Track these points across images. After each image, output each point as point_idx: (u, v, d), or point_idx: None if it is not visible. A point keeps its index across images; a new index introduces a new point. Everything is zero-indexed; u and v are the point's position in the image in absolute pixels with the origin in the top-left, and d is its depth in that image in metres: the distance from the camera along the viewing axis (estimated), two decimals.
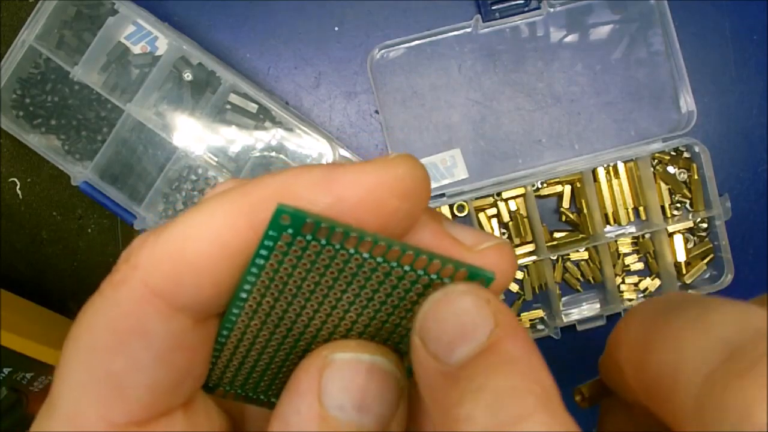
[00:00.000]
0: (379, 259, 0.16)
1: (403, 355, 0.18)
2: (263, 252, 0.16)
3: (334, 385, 0.17)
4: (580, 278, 0.57)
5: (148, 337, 0.17)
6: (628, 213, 0.56)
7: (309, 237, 0.16)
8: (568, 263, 0.56)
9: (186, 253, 0.16)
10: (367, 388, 0.17)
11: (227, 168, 0.52)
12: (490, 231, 0.56)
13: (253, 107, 0.52)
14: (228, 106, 0.52)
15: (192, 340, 0.17)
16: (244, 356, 0.18)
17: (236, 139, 0.52)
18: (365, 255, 0.16)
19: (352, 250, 0.16)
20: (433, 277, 0.16)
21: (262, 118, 0.52)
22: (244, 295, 0.17)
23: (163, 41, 0.52)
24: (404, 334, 0.18)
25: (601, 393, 0.24)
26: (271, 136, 0.52)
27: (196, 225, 0.16)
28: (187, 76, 0.51)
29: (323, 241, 0.16)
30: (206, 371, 0.19)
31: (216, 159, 0.52)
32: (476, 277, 0.17)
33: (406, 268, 0.16)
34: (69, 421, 0.17)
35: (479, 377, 0.15)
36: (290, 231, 0.15)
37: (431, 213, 0.19)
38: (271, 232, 0.15)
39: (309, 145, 0.52)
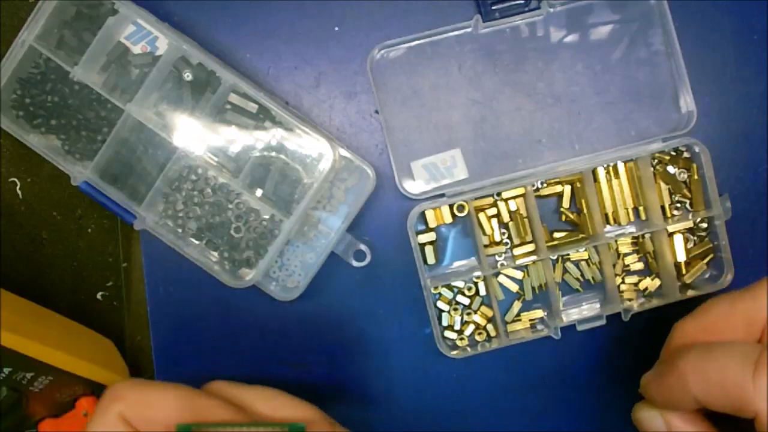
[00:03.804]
0: None
1: None
2: None
3: None
4: (580, 278, 0.57)
5: None
6: (628, 213, 0.56)
7: None
8: (568, 263, 0.57)
9: (155, 415, 0.33)
10: None
11: (227, 168, 0.52)
12: (490, 231, 0.56)
13: (253, 107, 0.52)
14: (228, 106, 0.52)
15: None
16: None
17: (236, 139, 0.52)
18: None
19: None
20: None
21: (262, 118, 0.52)
22: None
23: (163, 41, 0.52)
24: None
25: None
26: (271, 136, 0.52)
27: (169, 400, 0.33)
28: (187, 76, 0.51)
29: None
30: None
31: (216, 159, 0.52)
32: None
33: None
34: None
35: None
36: None
37: None
38: None
39: (309, 145, 0.52)
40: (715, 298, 0.40)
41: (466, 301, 0.56)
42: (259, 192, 0.52)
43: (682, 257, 0.55)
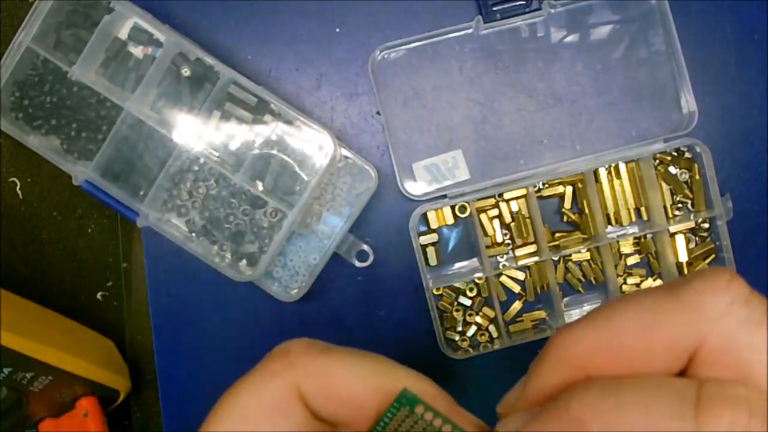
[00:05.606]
0: None
1: None
2: (389, 414, 0.24)
3: None
4: (582, 279, 0.57)
5: (289, 418, 0.25)
6: (629, 213, 0.56)
7: (417, 414, 0.24)
8: (570, 264, 0.56)
9: (338, 391, 0.25)
10: None
11: (228, 162, 0.51)
12: (492, 232, 0.56)
13: (252, 100, 0.51)
14: (227, 101, 0.51)
15: (315, 428, 0.25)
16: None
17: (236, 133, 0.52)
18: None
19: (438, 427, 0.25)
20: None
21: (261, 111, 0.52)
22: None
23: (162, 38, 0.52)
24: None
25: None
26: (271, 129, 0.52)
27: (357, 375, 0.26)
28: (185, 72, 0.51)
29: (421, 417, 0.25)
30: None
31: (216, 154, 0.51)
32: None
33: None
34: None
35: None
36: (407, 407, 0.24)
37: None
38: (395, 404, 0.24)
39: (309, 136, 0.51)
40: (621, 301, 0.25)
41: (467, 302, 0.56)
42: (260, 185, 0.51)
43: (683, 257, 0.55)
